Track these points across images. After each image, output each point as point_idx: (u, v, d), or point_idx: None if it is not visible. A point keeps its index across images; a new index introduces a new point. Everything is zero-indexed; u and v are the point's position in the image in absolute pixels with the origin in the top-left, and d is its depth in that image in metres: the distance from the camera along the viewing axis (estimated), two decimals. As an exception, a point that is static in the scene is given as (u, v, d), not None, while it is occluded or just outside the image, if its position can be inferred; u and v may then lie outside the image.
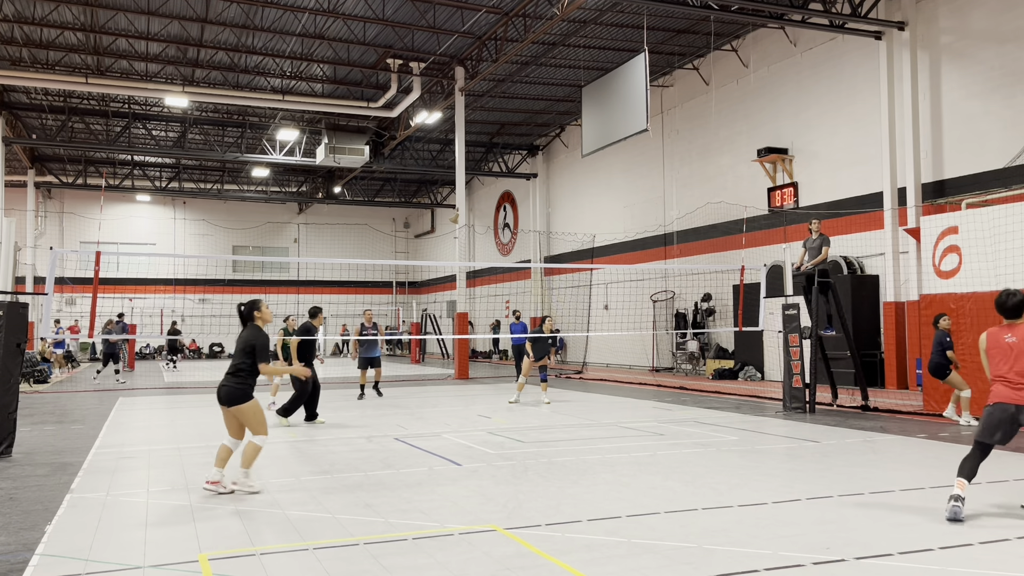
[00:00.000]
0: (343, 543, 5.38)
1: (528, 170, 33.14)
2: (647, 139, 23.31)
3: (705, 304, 22.80)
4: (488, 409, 14.05)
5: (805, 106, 19.85)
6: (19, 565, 4.96)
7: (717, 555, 5.01)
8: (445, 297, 39.47)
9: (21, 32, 21.23)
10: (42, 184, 33.89)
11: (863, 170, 18.17)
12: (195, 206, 40.59)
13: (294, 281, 42.04)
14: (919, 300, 14.02)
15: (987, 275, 11.45)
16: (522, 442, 9.98)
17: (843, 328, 13.50)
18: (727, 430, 10.87)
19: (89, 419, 12.86)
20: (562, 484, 7.25)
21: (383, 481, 7.50)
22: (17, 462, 8.75)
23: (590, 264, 27.20)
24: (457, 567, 4.83)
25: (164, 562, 4.97)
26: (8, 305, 9.26)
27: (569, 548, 5.19)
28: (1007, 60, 15.37)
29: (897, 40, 17.14)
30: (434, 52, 22.90)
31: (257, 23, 20.83)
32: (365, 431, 11.25)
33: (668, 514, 6.08)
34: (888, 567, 4.76)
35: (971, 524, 5.75)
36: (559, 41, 21.74)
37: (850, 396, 14.12)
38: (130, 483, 7.59)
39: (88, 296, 11.61)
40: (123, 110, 27.82)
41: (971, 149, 15.98)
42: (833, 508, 6.25)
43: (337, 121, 28.90)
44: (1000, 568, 4.73)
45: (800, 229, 18.30)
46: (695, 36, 21.69)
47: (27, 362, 19.52)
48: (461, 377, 22.33)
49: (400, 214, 45.31)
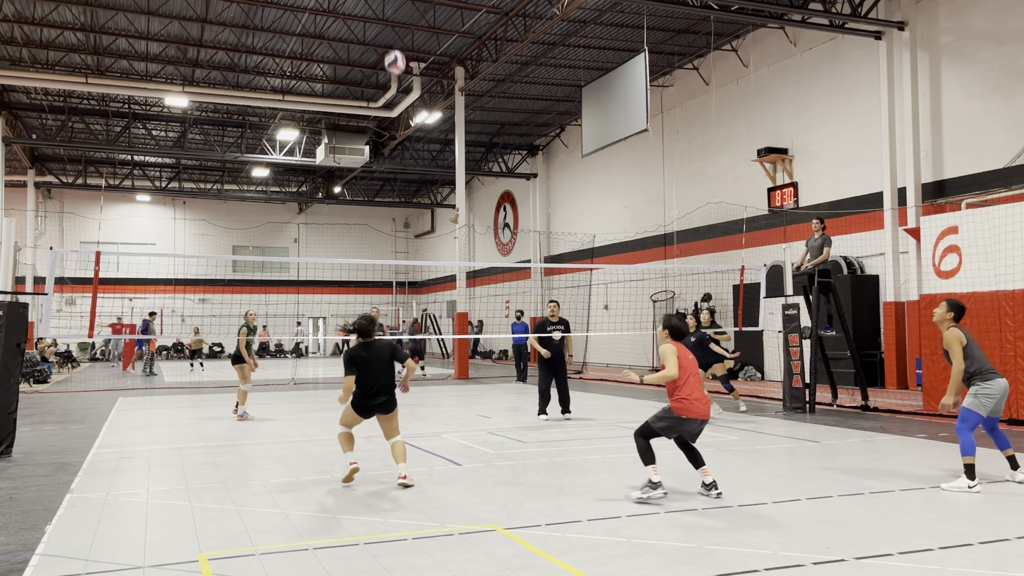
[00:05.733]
0: (343, 543, 5.38)
1: (528, 170, 33.14)
2: (647, 139, 23.31)
3: (705, 304, 22.80)
4: (488, 409, 14.05)
5: (805, 106, 19.85)
6: (19, 565, 4.96)
7: (717, 555, 5.01)
8: (445, 297, 39.48)
9: (21, 32, 21.23)
10: (42, 184, 33.89)
11: (863, 170, 18.17)
12: (195, 206, 40.58)
13: (294, 281, 42.05)
14: (919, 300, 14.02)
15: (987, 275, 11.45)
16: (522, 442, 9.98)
17: (843, 328, 13.49)
18: (727, 430, 10.87)
19: (89, 419, 12.87)
20: (562, 484, 7.25)
21: (383, 481, 7.50)
22: (17, 462, 8.75)
23: (590, 264, 27.20)
24: (457, 567, 4.83)
25: (164, 562, 4.97)
26: (8, 305, 9.26)
27: (569, 548, 5.19)
28: (1007, 60, 15.37)
29: (897, 40, 17.15)
30: (434, 52, 22.90)
31: (257, 23, 20.83)
32: (365, 431, 11.24)
33: (668, 514, 6.08)
34: (888, 567, 4.76)
35: (971, 524, 5.75)
36: (559, 41, 21.74)
37: (850, 396, 14.12)
38: (130, 483, 7.59)
39: (88, 296, 11.61)
40: (123, 110, 27.82)
41: (971, 149, 15.98)
42: (833, 508, 6.25)
43: (337, 121, 28.89)
44: (1000, 568, 4.73)
45: (800, 229, 18.30)
46: (695, 36, 21.68)
47: (27, 362, 19.52)
48: (461, 377, 22.33)
49: (400, 214, 45.31)
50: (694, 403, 6.60)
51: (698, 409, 6.62)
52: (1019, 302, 11.04)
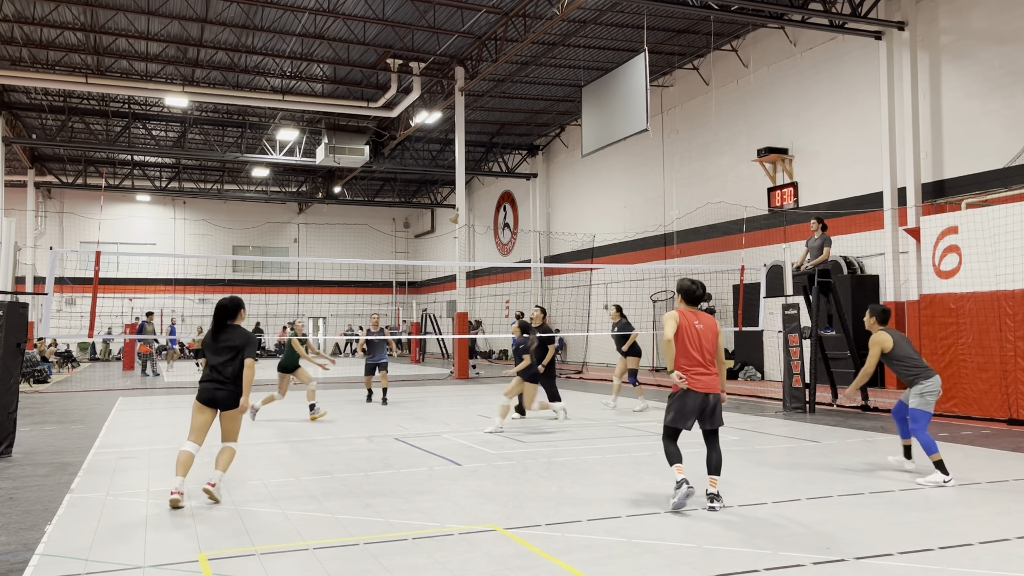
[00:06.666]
0: (343, 543, 5.38)
1: (528, 170, 33.14)
2: (647, 139, 23.31)
3: (705, 304, 22.80)
4: (488, 409, 14.05)
5: (805, 106, 19.85)
6: (19, 565, 4.96)
7: (717, 555, 5.01)
8: (445, 297, 39.46)
9: (21, 32, 21.23)
10: (42, 184, 33.89)
11: (863, 170, 18.17)
12: (195, 206, 40.59)
13: (294, 281, 42.06)
14: (919, 300, 14.02)
15: (987, 275, 11.45)
16: (522, 442, 9.98)
17: (843, 328, 13.50)
18: (727, 430, 10.86)
19: (89, 419, 12.86)
20: (562, 484, 7.24)
21: (383, 481, 7.50)
22: (17, 462, 8.75)
23: (590, 264, 27.20)
24: (457, 567, 4.83)
25: (164, 562, 4.97)
26: (8, 305, 9.26)
27: (569, 548, 5.19)
28: (1007, 60, 15.37)
29: (897, 40, 17.14)
30: (434, 52, 22.90)
31: (257, 23, 20.83)
32: (365, 431, 11.25)
33: (668, 514, 6.08)
34: (888, 567, 4.76)
35: (971, 524, 5.75)
36: (559, 41, 21.74)
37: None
38: (130, 483, 7.59)
39: (88, 296, 11.61)
40: (123, 110, 27.82)
41: (971, 149, 15.97)
42: (833, 508, 6.25)
43: (337, 121, 28.89)
44: (1000, 568, 4.73)
45: (800, 229, 18.29)
46: (695, 36, 21.68)
47: (27, 362, 19.52)
48: (461, 377, 22.33)
49: (400, 214, 45.31)
50: (691, 376, 6.19)
51: (698, 382, 6.18)
52: (1019, 302, 11.04)
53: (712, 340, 6.34)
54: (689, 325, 6.31)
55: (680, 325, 6.29)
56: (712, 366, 6.33)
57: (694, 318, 6.36)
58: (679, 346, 6.25)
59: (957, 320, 11.85)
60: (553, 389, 12.26)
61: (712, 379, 6.27)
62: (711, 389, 6.24)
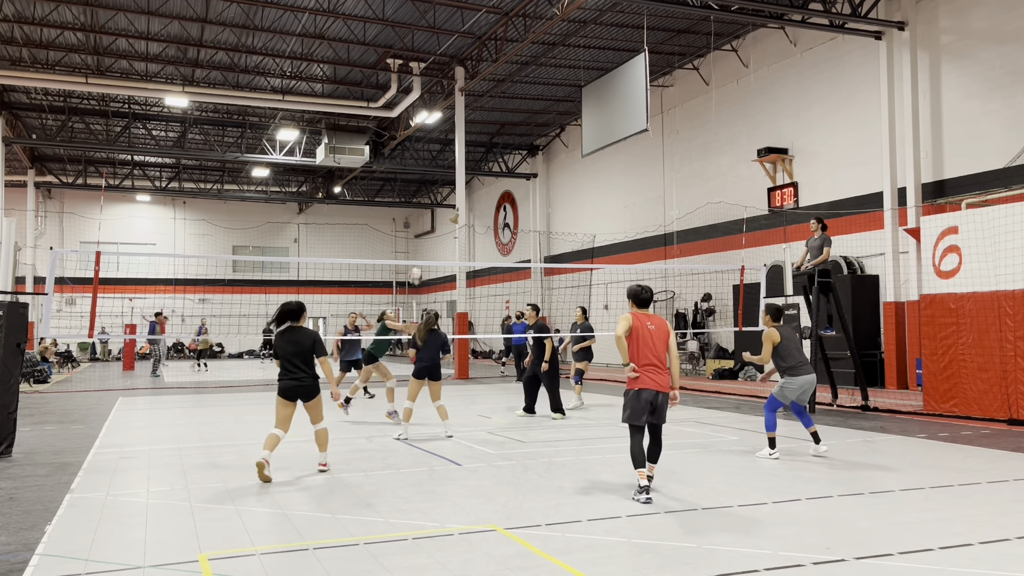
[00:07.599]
0: (343, 543, 5.38)
1: (528, 170, 33.14)
2: (647, 139, 23.31)
3: (705, 304, 22.81)
4: (488, 409, 14.05)
5: (805, 106, 19.85)
6: (19, 565, 4.96)
7: (717, 555, 5.01)
8: (445, 297, 39.48)
9: (21, 32, 21.23)
10: (42, 184, 33.89)
11: (863, 170, 18.17)
12: (195, 206, 40.58)
13: (294, 281, 42.05)
14: (919, 300, 14.02)
15: (987, 275, 11.45)
16: (522, 442, 9.98)
17: (843, 328, 13.49)
18: (727, 430, 10.87)
19: (89, 419, 12.86)
20: (562, 484, 7.25)
21: (383, 481, 7.50)
22: (17, 462, 8.75)
23: (590, 264, 27.20)
24: (457, 567, 4.83)
25: (164, 562, 4.97)
26: (8, 305, 9.26)
27: (569, 548, 5.19)
28: (1007, 60, 15.37)
29: (897, 40, 17.15)
30: (434, 52, 22.90)
31: (257, 23, 20.83)
32: (365, 431, 11.26)
33: (668, 514, 6.08)
34: (888, 567, 4.76)
35: (971, 524, 5.75)
36: (559, 41, 21.74)
37: (850, 396, 14.11)
38: (130, 483, 7.58)
39: (88, 296, 11.61)
40: (123, 110, 27.82)
41: (971, 149, 15.98)
42: (833, 508, 6.25)
43: (337, 121, 28.89)
44: (1000, 568, 4.73)
45: (800, 229, 18.30)
46: (695, 36, 21.68)
47: (27, 362, 19.53)
48: (461, 377, 22.33)
49: (400, 214, 45.31)
50: (644, 374, 6.58)
51: (646, 380, 6.56)
52: (1019, 302, 11.04)
53: (663, 340, 6.77)
54: (642, 326, 6.74)
55: (633, 327, 6.74)
56: (664, 365, 6.74)
57: (646, 320, 6.81)
58: (633, 347, 6.69)
59: (957, 320, 11.84)
60: (556, 397, 12.46)
61: (664, 377, 6.69)
62: (661, 387, 6.65)
